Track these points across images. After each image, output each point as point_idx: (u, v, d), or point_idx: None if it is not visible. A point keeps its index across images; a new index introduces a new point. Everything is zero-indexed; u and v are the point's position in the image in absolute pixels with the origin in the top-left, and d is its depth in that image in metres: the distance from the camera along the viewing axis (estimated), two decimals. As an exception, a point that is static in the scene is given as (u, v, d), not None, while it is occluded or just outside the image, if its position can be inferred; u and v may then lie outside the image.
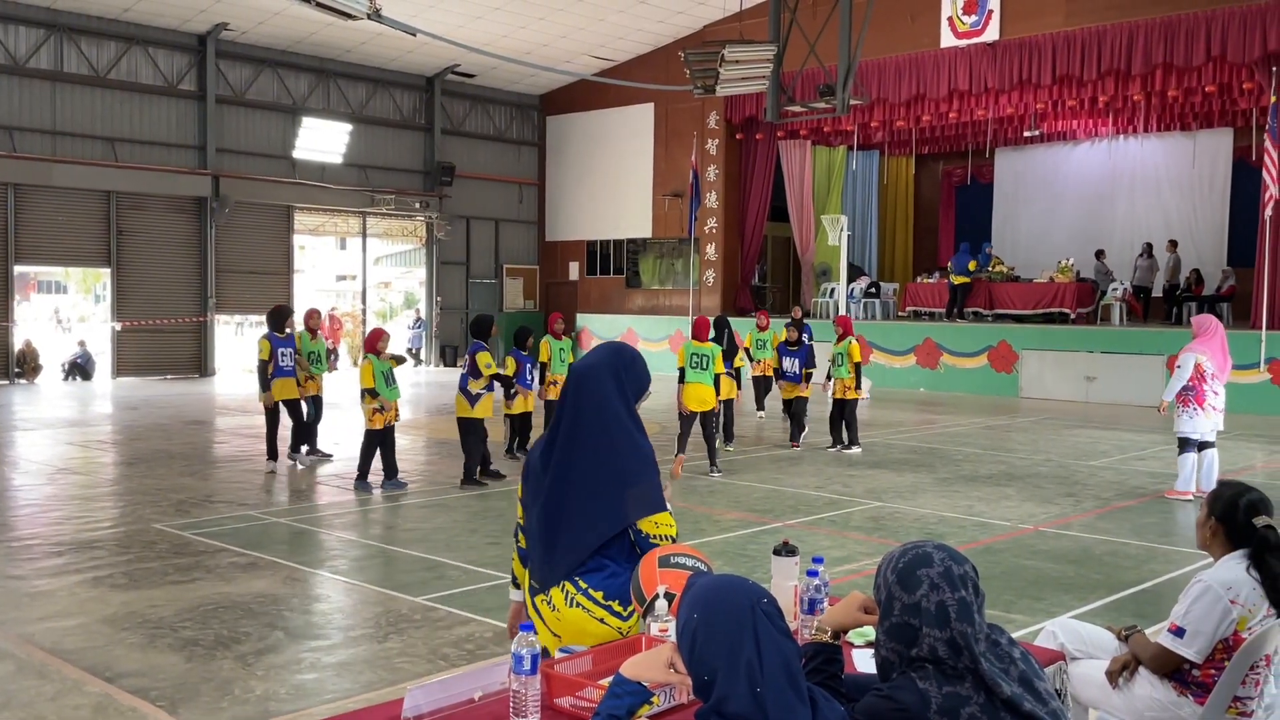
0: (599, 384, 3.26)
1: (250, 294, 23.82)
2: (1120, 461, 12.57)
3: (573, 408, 3.25)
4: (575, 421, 3.23)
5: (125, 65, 21.93)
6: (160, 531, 8.41)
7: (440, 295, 27.21)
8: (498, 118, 28.40)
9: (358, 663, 5.51)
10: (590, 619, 3.16)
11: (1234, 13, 17.76)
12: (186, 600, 6.51)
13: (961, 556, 2.22)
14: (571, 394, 3.27)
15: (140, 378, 22.06)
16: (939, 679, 2.15)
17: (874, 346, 22.12)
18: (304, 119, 24.24)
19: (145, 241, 22.33)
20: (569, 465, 3.22)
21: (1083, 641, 4.07)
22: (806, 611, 3.11)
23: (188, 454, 12.46)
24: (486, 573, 7.27)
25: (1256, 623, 3.60)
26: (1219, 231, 23.93)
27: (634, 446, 3.24)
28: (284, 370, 11.38)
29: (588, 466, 3.20)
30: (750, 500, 10.01)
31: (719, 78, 14.83)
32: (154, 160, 22.29)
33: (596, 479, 3.19)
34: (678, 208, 25.70)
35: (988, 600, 2.13)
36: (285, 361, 11.38)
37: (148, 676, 5.23)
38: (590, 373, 3.28)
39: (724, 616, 2.09)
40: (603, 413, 3.23)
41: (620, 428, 3.23)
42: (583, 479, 3.20)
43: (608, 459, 3.20)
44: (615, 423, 3.23)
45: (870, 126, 24.62)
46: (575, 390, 3.27)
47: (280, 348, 11.37)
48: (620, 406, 3.26)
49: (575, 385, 3.28)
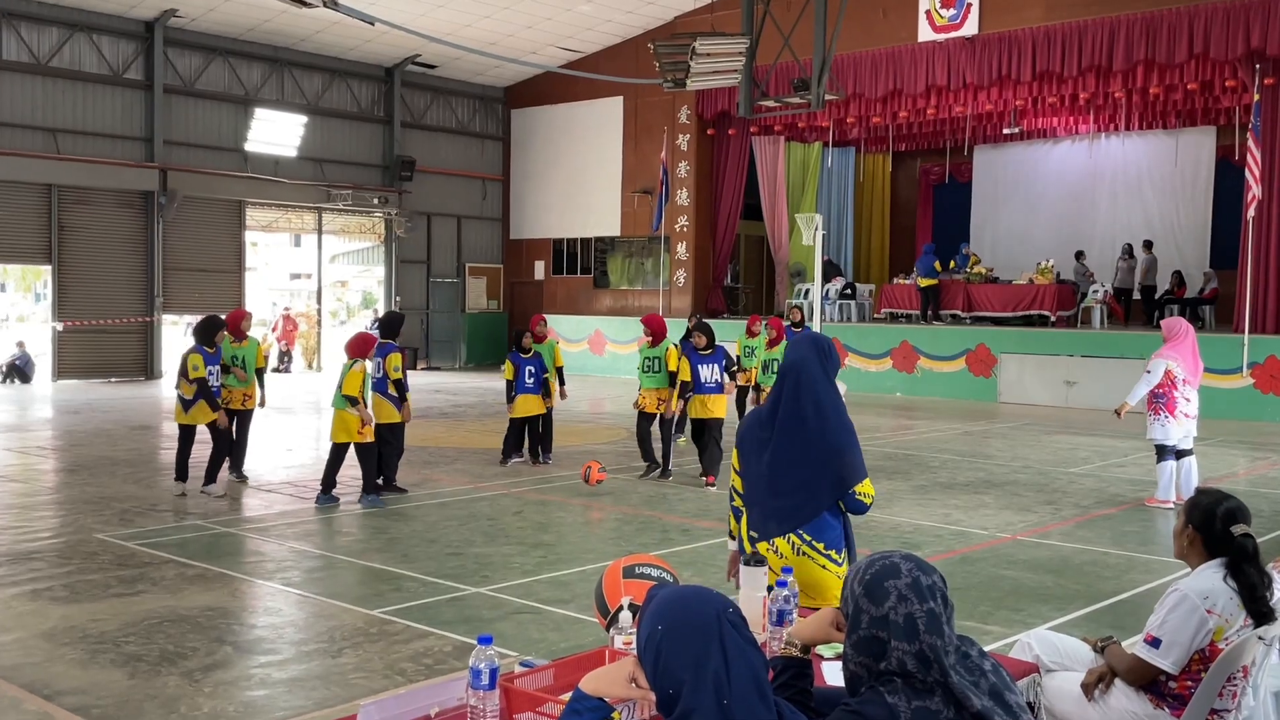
0: (812, 371, 4.04)
1: (199, 293, 23.61)
2: (1101, 468, 12.70)
3: (792, 392, 4.02)
4: (796, 402, 4.00)
5: (68, 53, 21.70)
6: (103, 542, 8.33)
7: (400, 295, 27.08)
8: (460, 111, 28.33)
9: (310, 678, 5.49)
10: (815, 566, 3.99)
11: (1217, 9, 18.01)
12: (130, 614, 6.45)
13: (930, 566, 2.25)
14: (791, 381, 4.04)
15: (83, 380, 21.81)
16: (908, 693, 2.17)
17: (849, 350, 22.23)
18: (257, 110, 24.07)
19: (88, 237, 22.09)
20: (791, 441, 3.99)
21: (1058, 653, 4.12)
22: (775, 624, 3.13)
23: (133, 460, 12.34)
24: (446, 584, 7.26)
25: (1234, 633, 3.65)
26: (1201, 232, 24.25)
27: (843, 424, 4.03)
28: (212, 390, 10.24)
29: (809, 442, 3.98)
30: (720, 509, 10.02)
31: (690, 71, 14.87)
32: (98, 152, 22.05)
33: (820, 450, 3.98)
34: (647, 205, 25.73)
35: (964, 611, 2.16)
36: (213, 380, 10.25)
37: (89, 694, 5.18)
38: (803, 364, 4.06)
39: (689, 628, 2.10)
40: (818, 397, 4.01)
41: (833, 408, 4.03)
42: (804, 453, 3.98)
43: (825, 436, 3.98)
44: (829, 404, 4.02)
45: (846, 123, 24.75)
46: (795, 378, 4.04)
47: (211, 365, 10.27)
48: (829, 388, 4.06)
49: (794, 374, 4.06)
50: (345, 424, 9.80)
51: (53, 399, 19.20)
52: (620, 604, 2.88)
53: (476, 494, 10.63)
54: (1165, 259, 23.10)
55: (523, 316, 28.42)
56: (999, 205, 27.37)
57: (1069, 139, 26.31)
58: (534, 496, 10.52)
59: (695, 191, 25.33)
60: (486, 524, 9.24)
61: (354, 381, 9.70)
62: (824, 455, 3.99)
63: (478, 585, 7.24)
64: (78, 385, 21.30)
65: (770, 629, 3.14)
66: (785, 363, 4.15)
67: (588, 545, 8.68)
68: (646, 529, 9.24)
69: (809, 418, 3.99)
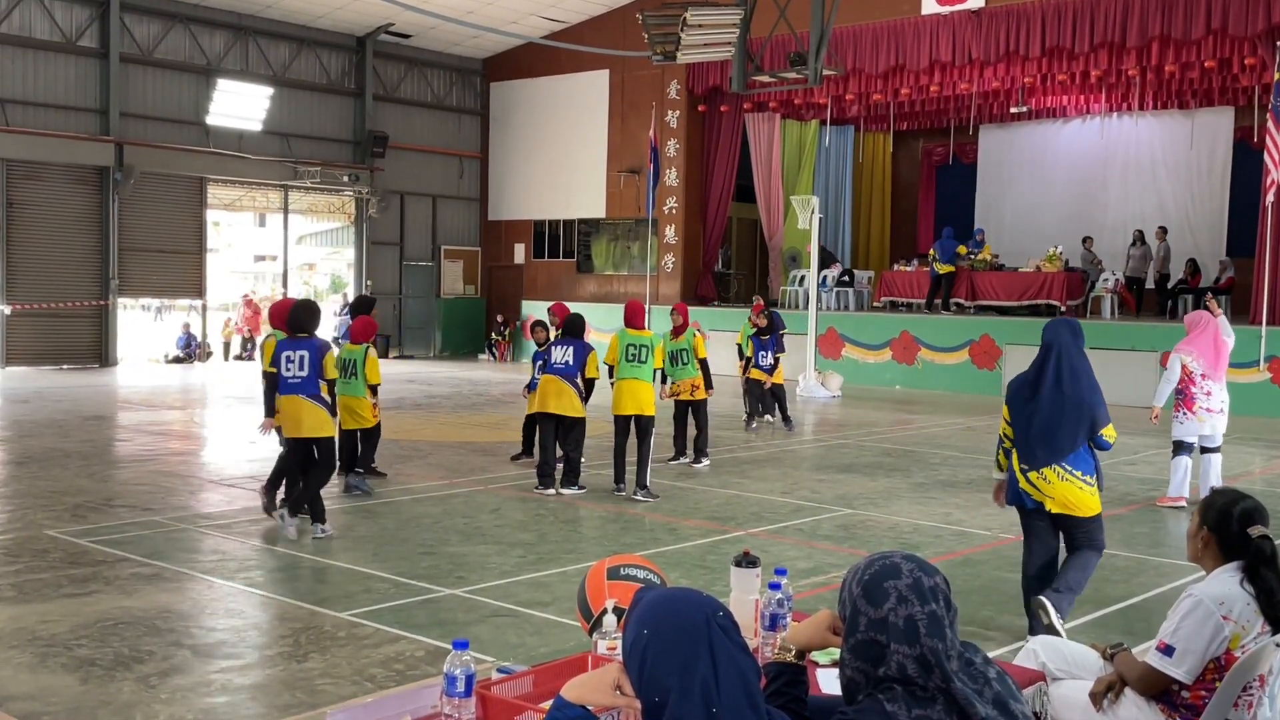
0: (1067, 345, 6.06)
1: (157, 275, 23.53)
2: (1109, 467, 12.70)
3: (1055, 361, 6.01)
4: (1057, 369, 5.99)
5: (18, 18, 21.54)
6: (53, 539, 8.29)
7: (371, 279, 27.02)
8: (436, 83, 28.24)
9: (274, 684, 5.48)
10: (1074, 488, 6.00)
11: (1236, -17, 18.08)
12: (82, 615, 6.43)
13: (932, 568, 2.25)
14: (1054, 352, 6.03)
15: (33, 367, 21.70)
16: (908, 701, 2.17)
17: (846, 340, 22.29)
18: (219, 81, 23.94)
19: (39, 215, 21.96)
20: (1054, 397, 5.96)
21: (1066, 660, 4.13)
22: (768, 628, 3.14)
23: (86, 453, 12.29)
24: (418, 585, 7.25)
25: (1250, 640, 3.66)
26: (1217, 218, 24.33)
27: (1092, 385, 6.01)
28: None
29: (1066, 398, 5.94)
30: (710, 506, 10.05)
31: (680, 43, 14.86)
32: (50, 125, 21.91)
33: (1075, 404, 5.93)
34: (634, 186, 25.71)
35: (966, 616, 2.16)
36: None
37: (38, 700, 5.16)
38: (1060, 340, 6.06)
39: (676, 632, 2.10)
40: (1073, 364, 6.01)
41: (1085, 373, 6.02)
42: (1063, 406, 5.94)
43: (1079, 394, 5.95)
44: (1082, 369, 6.02)
45: (845, 100, 24.77)
46: (1056, 351, 6.04)
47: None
48: (1081, 357, 6.07)
49: (1055, 348, 6.05)
50: (358, 411, 10.28)
51: (0, 387, 19.10)
52: (604, 607, 2.89)
53: (451, 490, 10.62)
54: (1179, 246, 23.20)
55: (501, 302, 28.46)
56: (1005, 188, 27.42)
57: (1079, 119, 26.38)
58: (512, 493, 10.52)
59: (685, 171, 25.33)
60: (462, 521, 9.24)
61: (376, 369, 10.23)
62: (1078, 408, 5.92)
63: (453, 586, 7.23)
64: (27, 372, 21.18)
65: (763, 634, 3.15)
66: (1045, 339, 6.12)
67: (570, 545, 8.68)
68: (631, 528, 9.25)
69: (1065, 380, 5.97)
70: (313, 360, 8.59)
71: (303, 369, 8.59)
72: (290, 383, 8.59)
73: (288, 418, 8.66)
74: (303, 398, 8.56)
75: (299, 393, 8.57)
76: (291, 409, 8.60)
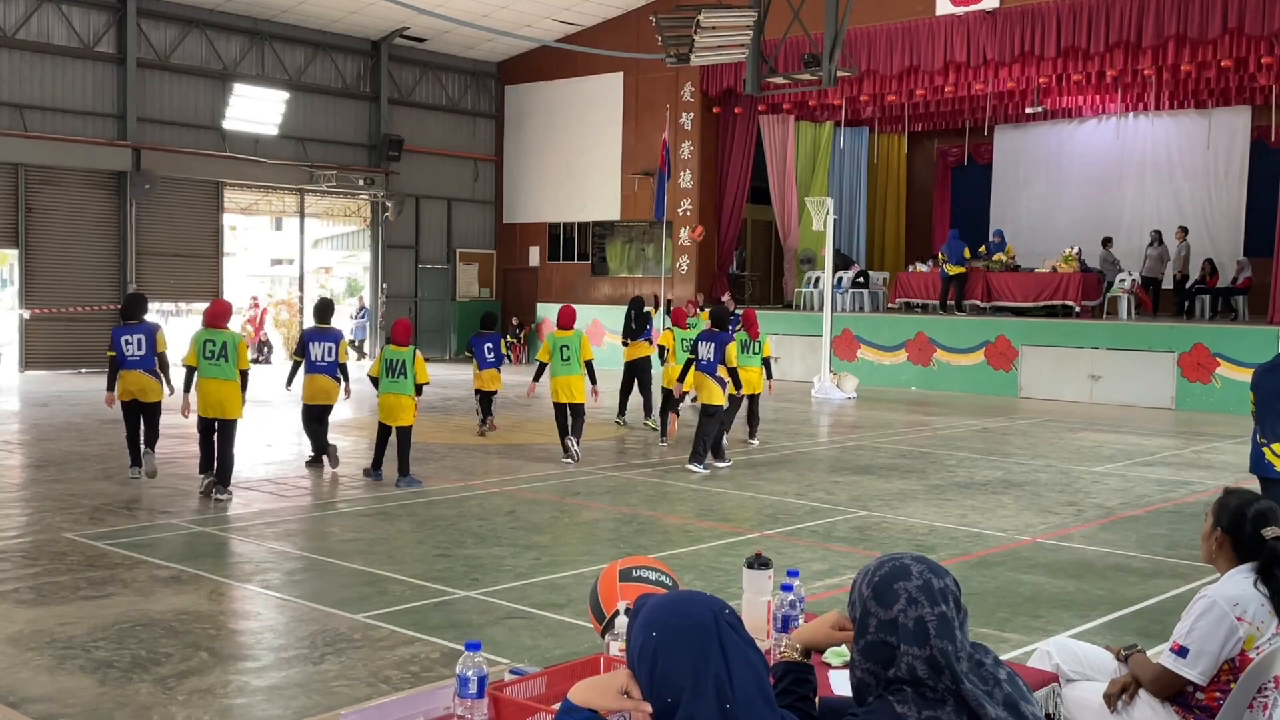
0: None
1: (174, 279, 23.62)
2: (1126, 468, 12.72)
3: None
4: None
5: (36, 24, 21.67)
6: (71, 542, 8.34)
7: (386, 282, 27.09)
8: (451, 87, 28.30)
9: (290, 686, 5.50)
10: None
11: (1252, -19, 17.99)
12: (100, 618, 6.46)
13: (942, 569, 2.25)
14: None
15: (51, 371, 21.80)
16: (918, 703, 2.17)
17: (861, 341, 22.25)
18: (235, 86, 24.04)
19: (58, 220, 22.07)
20: None
21: (1080, 662, 4.12)
22: (780, 629, 3.14)
23: (104, 456, 12.35)
24: (433, 587, 7.27)
25: (1265, 641, 3.65)
26: (1235, 218, 24.20)
27: None
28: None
29: None
30: (724, 508, 10.06)
31: (694, 46, 14.84)
32: (68, 130, 22.03)
33: None
34: (648, 188, 25.71)
35: (981, 618, 2.16)
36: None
37: (56, 702, 5.19)
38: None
39: (685, 632, 2.11)
40: None
41: None
42: None
43: None
44: None
45: (859, 101, 24.72)
46: None
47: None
48: None
49: None
50: (403, 408, 10.78)
51: (19, 390, 19.21)
52: (617, 609, 2.89)
53: (466, 493, 10.65)
54: (1197, 246, 23.08)
55: (516, 305, 28.48)
56: (1021, 189, 27.33)
57: (1095, 119, 26.26)
58: (527, 495, 10.54)
59: (699, 173, 25.31)
60: (477, 524, 9.26)
61: (424, 369, 10.83)
62: None
63: (467, 588, 7.25)
64: (46, 376, 21.29)
65: (775, 635, 3.15)
66: None
67: (584, 547, 8.69)
68: (646, 530, 9.25)
69: None
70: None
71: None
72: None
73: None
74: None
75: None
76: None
